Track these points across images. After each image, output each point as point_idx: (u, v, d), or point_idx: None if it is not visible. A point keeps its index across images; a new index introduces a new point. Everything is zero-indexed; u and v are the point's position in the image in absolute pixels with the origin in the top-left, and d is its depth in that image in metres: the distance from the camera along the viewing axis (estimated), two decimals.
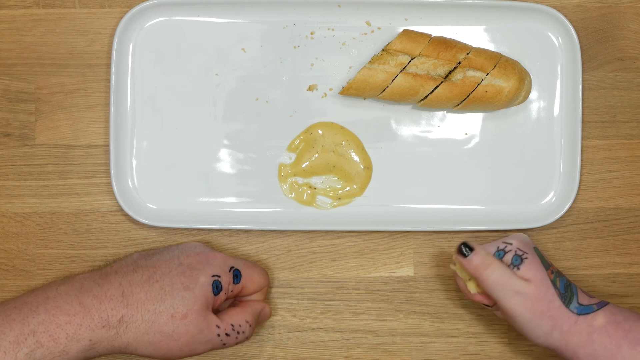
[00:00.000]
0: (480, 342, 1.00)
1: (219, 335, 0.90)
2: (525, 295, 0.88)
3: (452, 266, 0.93)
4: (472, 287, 0.92)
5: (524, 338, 0.99)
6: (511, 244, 0.91)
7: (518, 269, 0.89)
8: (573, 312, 0.88)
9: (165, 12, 0.99)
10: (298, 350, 1.00)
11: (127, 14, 0.97)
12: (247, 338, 0.92)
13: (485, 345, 1.00)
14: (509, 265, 0.90)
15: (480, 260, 0.88)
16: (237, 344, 0.91)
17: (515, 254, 0.90)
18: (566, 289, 0.89)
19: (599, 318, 0.88)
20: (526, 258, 0.90)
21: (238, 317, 0.91)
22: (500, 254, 0.91)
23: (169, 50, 0.99)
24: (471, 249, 0.89)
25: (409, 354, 1.00)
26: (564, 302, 0.89)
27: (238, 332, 0.91)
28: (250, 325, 0.92)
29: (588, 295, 0.90)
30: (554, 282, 0.89)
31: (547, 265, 0.90)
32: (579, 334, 0.88)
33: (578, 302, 0.89)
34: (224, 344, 0.91)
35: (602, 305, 0.89)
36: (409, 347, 1.00)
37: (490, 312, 0.99)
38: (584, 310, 0.88)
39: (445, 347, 1.00)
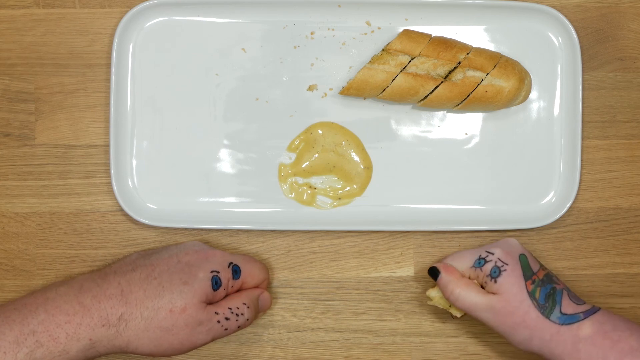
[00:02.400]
0: (480, 342, 1.00)
1: (219, 321, 0.90)
2: (497, 310, 0.90)
3: (429, 302, 0.96)
4: (455, 312, 0.94)
5: None
6: (493, 253, 0.92)
7: (495, 281, 0.90)
8: (554, 322, 0.88)
9: (165, 12, 0.99)
10: (298, 350, 1.00)
11: (127, 14, 0.97)
12: (249, 321, 0.92)
13: (485, 345, 1.00)
14: (487, 276, 0.91)
15: (443, 286, 0.92)
16: (239, 327, 0.91)
17: (495, 265, 0.91)
18: (547, 299, 0.89)
19: (586, 327, 0.88)
20: (505, 270, 0.90)
21: (235, 300, 0.91)
22: (481, 262, 0.92)
23: (169, 50, 0.99)
24: (438, 272, 0.93)
25: (409, 354, 1.00)
26: (542, 313, 0.89)
27: (237, 315, 0.91)
28: (248, 307, 0.92)
29: (577, 303, 0.90)
30: (532, 293, 0.89)
31: (529, 274, 0.91)
32: (563, 343, 0.88)
33: (561, 312, 0.89)
34: (226, 330, 0.90)
35: (590, 313, 0.89)
36: (409, 347, 1.00)
37: None
38: (568, 320, 0.88)
39: (445, 347, 1.00)
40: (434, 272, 0.94)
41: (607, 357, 0.86)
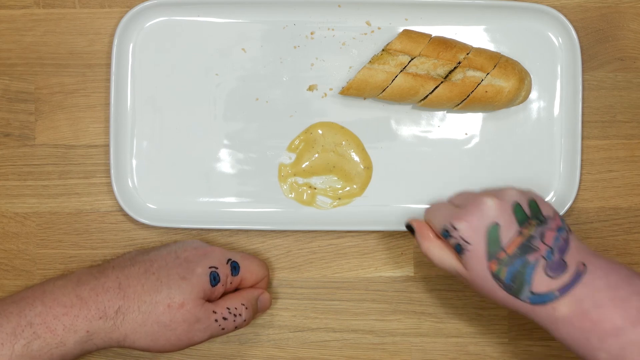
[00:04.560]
0: (480, 342, 1.00)
1: (216, 320, 0.90)
2: (467, 280, 0.85)
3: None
4: None
5: (524, 338, 1.00)
6: (457, 229, 0.84)
7: (460, 256, 0.85)
8: (525, 302, 0.82)
9: (165, 12, 0.99)
10: (298, 350, 1.00)
11: (127, 14, 0.97)
12: (247, 322, 0.92)
13: (485, 345, 1.00)
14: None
15: (418, 242, 0.89)
16: (236, 328, 0.91)
17: (457, 243, 0.84)
18: (514, 280, 0.82)
19: (562, 307, 0.80)
20: (467, 250, 0.84)
21: (233, 301, 0.91)
22: (445, 235, 0.86)
23: (169, 50, 0.99)
24: (412, 229, 0.90)
25: (409, 354, 1.00)
26: (509, 293, 0.82)
27: (235, 315, 0.91)
28: (246, 308, 0.92)
29: (553, 275, 0.81)
30: (496, 274, 0.82)
31: (495, 251, 0.82)
32: (541, 320, 0.82)
33: (531, 292, 0.81)
34: (223, 329, 0.90)
35: (568, 287, 0.80)
36: (409, 347, 1.00)
37: (490, 312, 0.99)
38: (540, 300, 0.81)
39: (445, 347, 1.00)
40: (410, 229, 0.90)
41: (590, 339, 0.79)
